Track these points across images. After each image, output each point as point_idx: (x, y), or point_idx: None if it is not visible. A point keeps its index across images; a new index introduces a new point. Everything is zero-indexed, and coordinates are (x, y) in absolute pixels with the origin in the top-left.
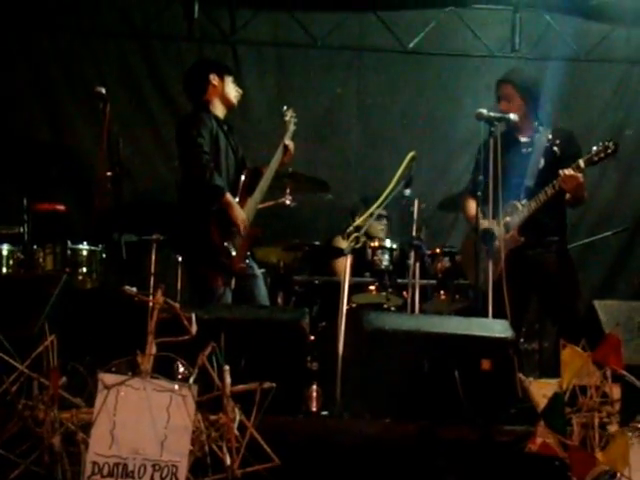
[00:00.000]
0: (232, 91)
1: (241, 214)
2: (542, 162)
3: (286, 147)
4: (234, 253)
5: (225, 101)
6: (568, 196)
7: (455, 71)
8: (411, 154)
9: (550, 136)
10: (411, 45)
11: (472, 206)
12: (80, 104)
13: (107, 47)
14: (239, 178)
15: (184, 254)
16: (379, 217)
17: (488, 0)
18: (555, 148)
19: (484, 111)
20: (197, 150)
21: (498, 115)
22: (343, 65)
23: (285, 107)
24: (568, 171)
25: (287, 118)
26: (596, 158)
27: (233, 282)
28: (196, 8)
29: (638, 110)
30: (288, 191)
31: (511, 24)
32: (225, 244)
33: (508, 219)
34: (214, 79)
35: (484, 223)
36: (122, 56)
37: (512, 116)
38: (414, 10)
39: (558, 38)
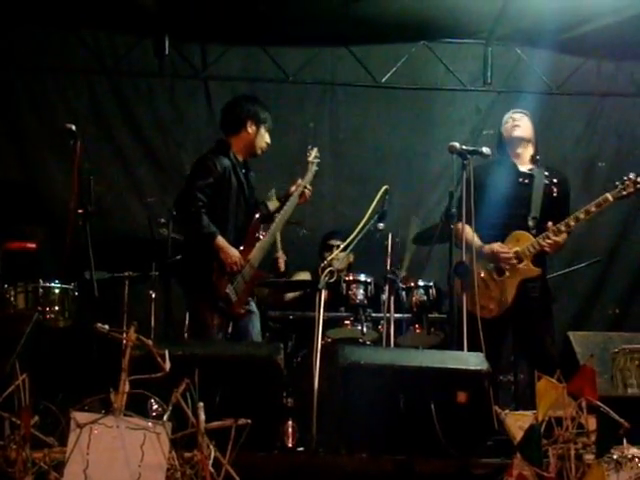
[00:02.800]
0: (262, 142)
1: (231, 256)
2: (542, 197)
3: (303, 194)
4: (234, 299)
5: (252, 149)
6: None
7: (428, 105)
8: (384, 188)
9: (547, 173)
10: (384, 79)
11: (467, 231)
12: (51, 141)
13: (77, 84)
14: (250, 221)
15: (186, 290)
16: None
17: (459, 34)
18: (554, 188)
19: (456, 144)
20: (193, 194)
21: (471, 148)
22: (316, 100)
23: (310, 146)
24: (554, 239)
25: (310, 158)
26: (625, 193)
27: (230, 327)
28: (167, 44)
29: (610, 142)
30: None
31: (483, 58)
32: (227, 291)
33: (517, 249)
34: (250, 127)
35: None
36: (93, 93)
37: (485, 150)
38: (386, 44)
39: (530, 71)
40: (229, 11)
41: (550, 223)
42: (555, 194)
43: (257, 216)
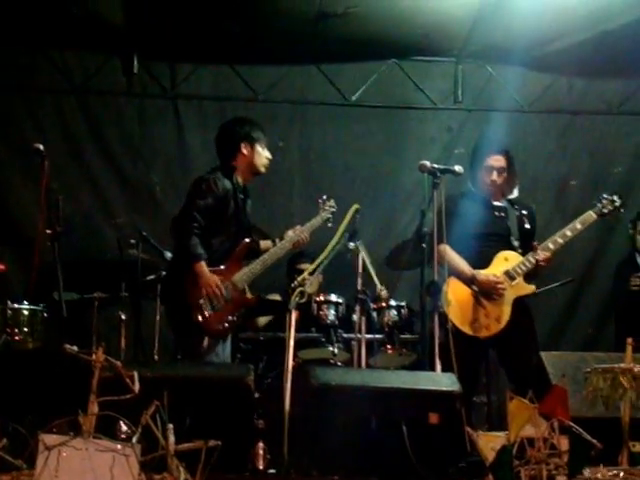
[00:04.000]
0: (261, 159)
1: (209, 282)
2: (517, 229)
3: (297, 242)
4: (208, 313)
5: (253, 169)
6: None
7: (398, 123)
8: (354, 206)
9: (516, 207)
10: (354, 98)
11: (451, 253)
12: (18, 161)
13: (45, 103)
14: (238, 244)
15: (166, 306)
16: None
17: (430, 52)
18: (525, 219)
19: (427, 163)
20: (186, 215)
21: (442, 167)
22: (285, 118)
23: (325, 197)
24: (546, 255)
25: (322, 207)
26: (605, 211)
27: (206, 342)
28: (135, 63)
29: (582, 160)
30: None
31: (453, 76)
32: (200, 302)
33: (508, 267)
34: (245, 148)
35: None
36: (61, 112)
37: (457, 168)
38: (356, 63)
39: (501, 90)
40: (198, 30)
41: (536, 242)
42: (526, 225)
43: (247, 241)
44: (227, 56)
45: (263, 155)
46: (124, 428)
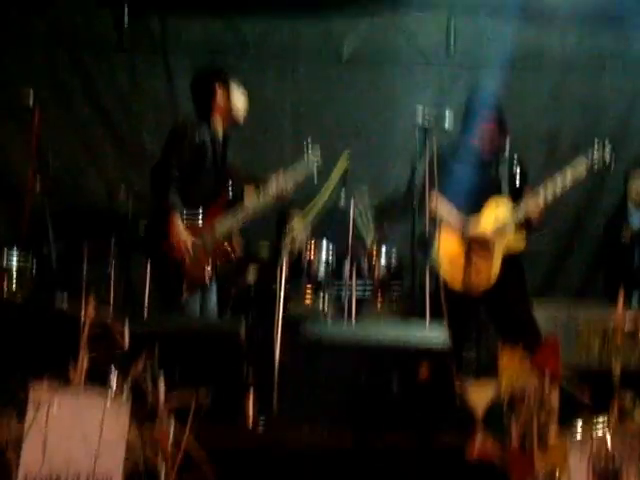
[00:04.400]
0: (238, 103)
1: (179, 237)
2: (508, 175)
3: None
4: (186, 261)
5: (230, 114)
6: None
7: (390, 79)
8: (345, 153)
9: (506, 159)
10: (345, 52)
11: (443, 203)
12: (8, 114)
13: (36, 57)
14: (220, 193)
15: (147, 255)
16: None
17: (422, 7)
18: (515, 173)
19: (419, 117)
20: (166, 164)
21: (433, 122)
22: (277, 72)
23: (316, 147)
24: (537, 203)
25: (309, 155)
26: (595, 157)
27: (185, 290)
28: (126, 17)
29: (575, 114)
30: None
31: (445, 31)
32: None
33: (499, 221)
34: (219, 90)
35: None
36: (52, 66)
37: (448, 124)
38: (348, 18)
39: (493, 44)
40: None
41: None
42: (517, 178)
43: (227, 189)
44: (218, 9)
45: (239, 99)
46: (114, 382)
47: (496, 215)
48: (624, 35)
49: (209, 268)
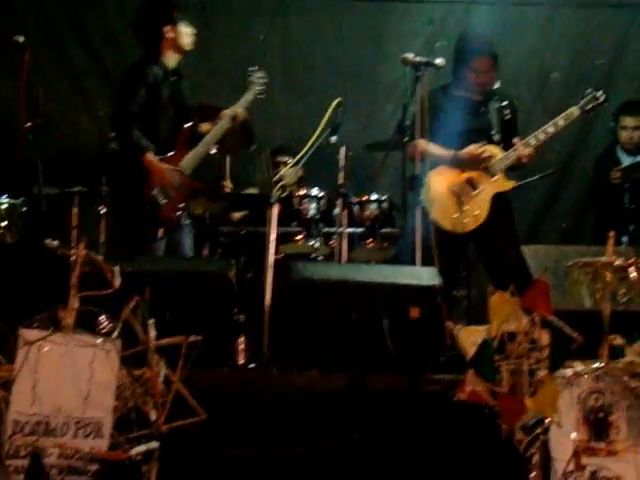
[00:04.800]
0: (186, 37)
1: (160, 171)
2: (498, 121)
3: (234, 118)
4: (163, 202)
5: (179, 50)
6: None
7: (381, 16)
8: (337, 100)
9: (496, 97)
10: None
11: (429, 144)
12: None
13: None
14: (180, 129)
15: (112, 205)
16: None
17: None
18: (505, 111)
19: (410, 55)
20: (120, 108)
21: (424, 60)
22: (267, 11)
23: (254, 67)
24: (528, 151)
25: (252, 79)
26: (588, 108)
27: (161, 232)
28: None
29: (564, 53)
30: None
31: None
32: (153, 193)
33: (489, 163)
34: (167, 32)
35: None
36: (41, 6)
37: (438, 61)
38: None
39: None
40: None
41: (517, 138)
42: (507, 117)
43: (186, 126)
44: None
45: (187, 33)
46: (105, 323)
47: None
48: None
49: (182, 205)
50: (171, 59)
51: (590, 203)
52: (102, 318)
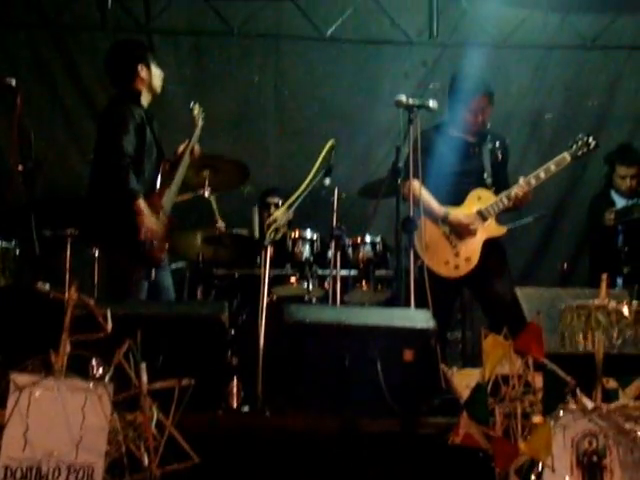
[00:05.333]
0: (158, 79)
1: (149, 223)
2: (490, 163)
3: (192, 152)
4: (155, 244)
5: (151, 90)
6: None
7: (374, 58)
8: (330, 142)
9: (489, 137)
10: (329, 32)
11: (419, 188)
12: None
13: (18, 38)
14: (159, 169)
15: (103, 246)
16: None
17: None
18: (498, 152)
19: (403, 98)
20: (118, 149)
21: (417, 102)
22: (261, 53)
23: (192, 102)
24: (527, 191)
25: (195, 113)
26: (580, 153)
27: (153, 273)
28: None
29: (557, 94)
30: (207, 182)
31: (429, 10)
32: (145, 236)
33: (481, 207)
34: (142, 70)
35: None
36: (34, 47)
37: (432, 103)
38: None
39: (476, 24)
40: None
41: (519, 183)
42: (499, 158)
43: (167, 164)
44: None
45: (158, 75)
46: (96, 367)
47: (478, 207)
48: (606, 15)
49: (167, 245)
50: (145, 100)
51: (585, 244)
52: (94, 362)
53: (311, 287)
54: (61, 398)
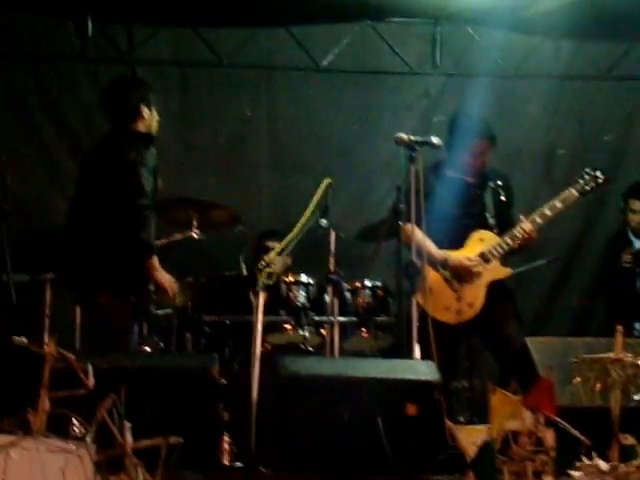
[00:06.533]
0: (155, 123)
1: (164, 278)
2: (492, 204)
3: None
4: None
5: (149, 131)
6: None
7: (372, 90)
8: (327, 181)
9: (491, 176)
10: (325, 62)
11: (418, 233)
12: None
13: None
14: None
15: (102, 293)
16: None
17: (406, 13)
18: (501, 191)
19: (404, 135)
20: (142, 199)
21: (419, 139)
22: (252, 85)
23: None
24: (530, 229)
25: None
26: (588, 188)
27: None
28: (89, 25)
29: (570, 129)
30: (195, 224)
31: (431, 39)
32: (152, 288)
33: (483, 249)
34: (145, 111)
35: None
36: (9, 79)
37: (435, 140)
38: (327, 25)
39: (483, 53)
40: None
41: (521, 223)
42: (502, 197)
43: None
44: (189, 17)
45: (156, 116)
46: (78, 426)
47: (481, 249)
48: (623, 44)
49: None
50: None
51: (601, 288)
52: (75, 421)
53: (307, 335)
54: (40, 459)
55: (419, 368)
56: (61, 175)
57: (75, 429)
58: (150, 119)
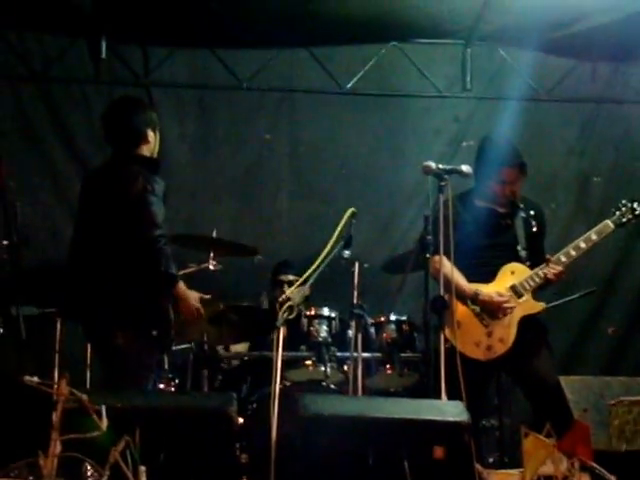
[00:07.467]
0: (156, 147)
1: (194, 302)
2: (524, 235)
3: None
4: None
5: (152, 155)
6: None
7: (399, 114)
8: (350, 210)
9: (522, 206)
10: (349, 85)
11: (447, 266)
12: None
13: (2, 92)
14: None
15: (119, 330)
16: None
17: (435, 34)
18: (532, 221)
19: (432, 164)
20: (157, 228)
21: (448, 167)
22: (272, 109)
23: None
24: (557, 269)
25: None
26: (624, 220)
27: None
28: (103, 47)
29: (606, 154)
30: (212, 255)
31: (461, 61)
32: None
33: (515, 282)
34: (150, 135)
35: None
36: (19, 102)
37: (465, 168)
38: (352, 46)
39: (515, 75)
40: (173, 9)
41: (549, 255)
42: (534, 228)
43: None
44: (206, 39)
45: (157, 139)
46: (90, 470)
47: (512, 282)
48: None
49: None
50: None
51: (638, 322)
52: (87, 465)
53: (329, 371)
54: None
55: (447, 408)
56: (72, 202)
57: (87, 473)
58: (155, 143)
